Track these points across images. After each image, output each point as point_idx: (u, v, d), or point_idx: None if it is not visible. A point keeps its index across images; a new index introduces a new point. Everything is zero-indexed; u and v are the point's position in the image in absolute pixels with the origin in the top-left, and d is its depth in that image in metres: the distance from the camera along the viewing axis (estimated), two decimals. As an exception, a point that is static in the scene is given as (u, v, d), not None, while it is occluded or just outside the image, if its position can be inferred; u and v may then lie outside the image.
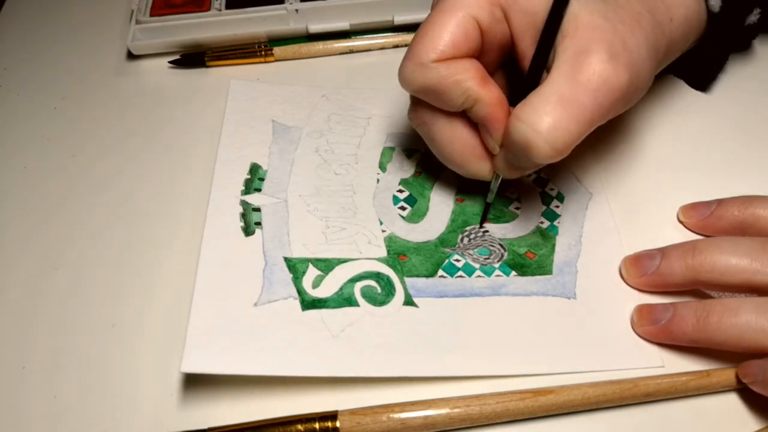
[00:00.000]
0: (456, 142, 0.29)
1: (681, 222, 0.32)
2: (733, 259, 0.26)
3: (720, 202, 0.30)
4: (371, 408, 0.25)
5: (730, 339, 0.25)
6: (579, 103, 0.25)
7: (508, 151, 0.28)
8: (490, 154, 0.29)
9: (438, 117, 0.29)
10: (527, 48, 0.27)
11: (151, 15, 0.41)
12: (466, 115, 0.28)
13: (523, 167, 0.28)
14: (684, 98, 0.38)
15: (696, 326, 0.26)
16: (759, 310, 0.24)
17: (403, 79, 0.28)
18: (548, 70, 0.26)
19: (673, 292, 0.29)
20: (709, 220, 0.30)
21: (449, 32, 0.26)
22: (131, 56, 0.42)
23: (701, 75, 0.37)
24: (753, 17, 0.33)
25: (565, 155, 0.25)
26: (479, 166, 0.30)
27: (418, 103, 0.29)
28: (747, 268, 0.26)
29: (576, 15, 0.26)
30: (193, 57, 0.41)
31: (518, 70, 0.29)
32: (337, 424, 0.25)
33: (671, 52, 0.31)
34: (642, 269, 0.29)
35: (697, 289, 0.29)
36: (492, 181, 0.31)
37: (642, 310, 0.28)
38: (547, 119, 0.25)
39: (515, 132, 0.25)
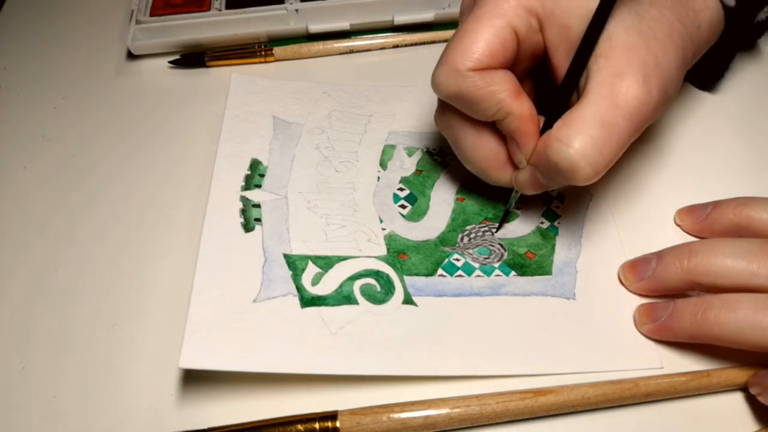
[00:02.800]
0: (481, 149, 0.29)
1: (678, 225, 0.32)
2: (729, 262, 0.26)
3: (715, 205, 0.30)
4: (371, 408, 0.25)
5: (727, 334, 0.25)
6: (618, 126, 0.25)
7: (542, 170, 0.27)
8: (513, 165, 0.29)
9: (465, 123, 0.29)
10: (560, 61, 0.27)
11: (151, 15, 0.41)
12: (493, 124, 0.28)
13: (550, 186, 0.28)
14: (686, 99, 0.38)
15: (694, 321, 0.25)
16: (757, 306, 0.24)
17: (437, 84, 0.27)
18: (578, 88, 0.26)
19: (674, 295, 0.28)
20: (705, 223, 0.30)
21: (487, 41, 0.26)
22: (131, 56, 0.42)
23: (709, 75, 0.37)
24: (763, 14, 0.33)
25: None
26: (501, 174, 0.29)
27: (446, 107, 0.29)
28: (743, 271, 0.25)
29: (611, 34, 0.26)
30: (193, 57, 0.41)
31: (548, 79, 0.29)
32: (337, 424, 0.25)
33: (696, 57, 0.31)
34: (639, 274, 0.29)
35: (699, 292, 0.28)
36: (514, 190, 0.30)
37: (643, 309, 0.28)
38: (591, 142, 0.24)
39: (556, 153, 0.25)
